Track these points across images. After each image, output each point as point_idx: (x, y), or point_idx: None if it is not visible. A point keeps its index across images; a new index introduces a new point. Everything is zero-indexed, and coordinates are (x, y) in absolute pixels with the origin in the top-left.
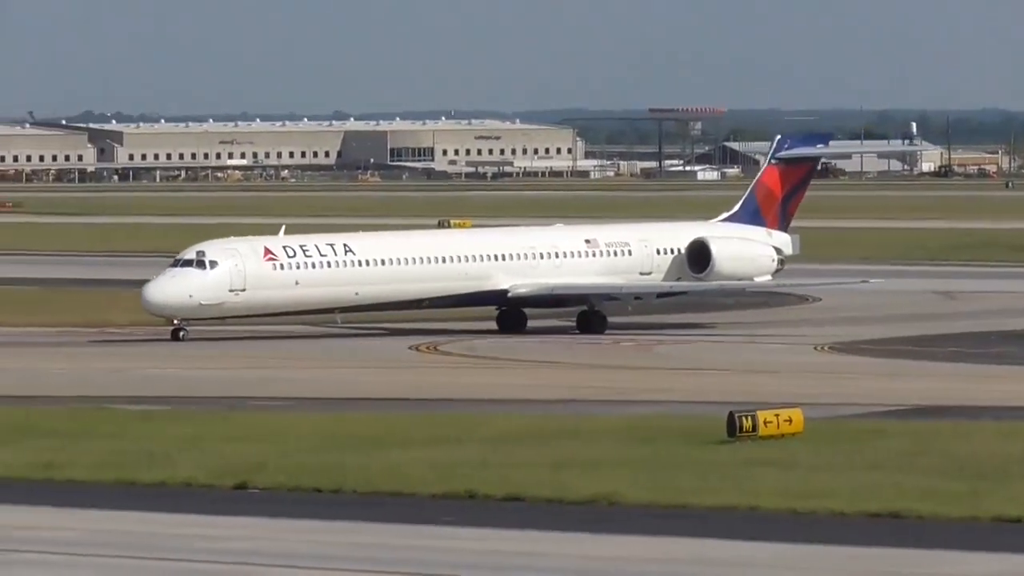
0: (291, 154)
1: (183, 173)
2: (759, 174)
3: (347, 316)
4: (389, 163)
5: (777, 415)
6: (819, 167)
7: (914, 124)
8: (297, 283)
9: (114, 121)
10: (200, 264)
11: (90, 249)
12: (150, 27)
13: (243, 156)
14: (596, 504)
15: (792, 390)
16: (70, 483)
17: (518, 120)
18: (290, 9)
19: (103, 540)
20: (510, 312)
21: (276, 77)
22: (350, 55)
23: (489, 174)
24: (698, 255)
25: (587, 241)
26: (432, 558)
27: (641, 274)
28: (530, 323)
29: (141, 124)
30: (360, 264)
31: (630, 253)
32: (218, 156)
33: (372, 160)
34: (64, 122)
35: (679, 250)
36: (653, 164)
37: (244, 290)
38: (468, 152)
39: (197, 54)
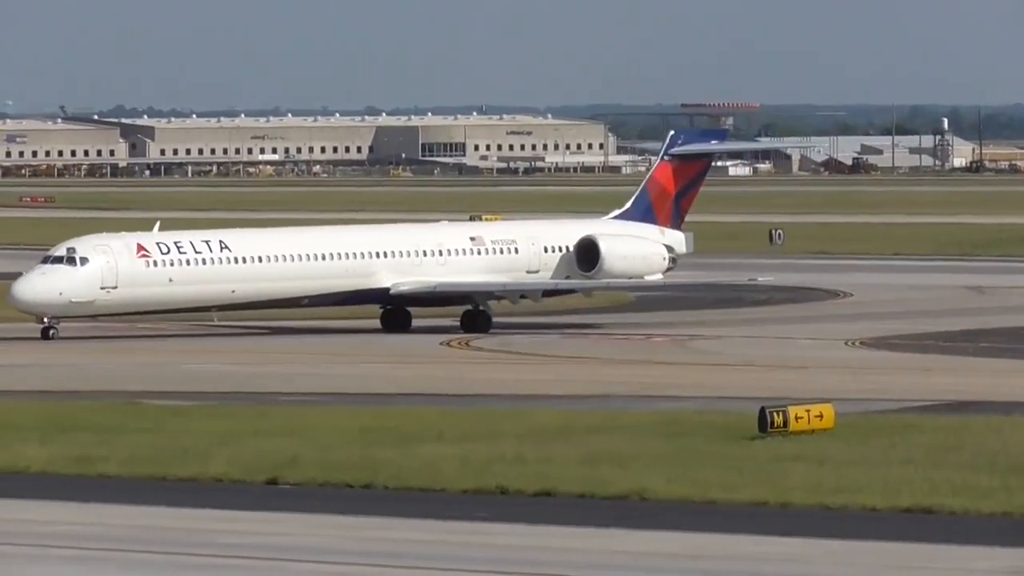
0: (323, 149)
1: (215, 168)
2: (651, 170)
3: (225, 315)
4: (421, 158)
5: (808, 411)
6: (854, 164)
7: (945, 120)
8: (171, 280)
9: (146, 116)
10: (71, 261)
11: None
12: (182, 22)
13: (275, 151)
14: (628, 499)
15: (823, 385)
16: (103, 478)
17: (550, 115)
18: (322, 4)
19: (135, 536)
20: (395, 311)
21: (308, 72)
22: (382, 50)
23: (521, 169)
24: (587, 253)
25: (472, 239)
26: (464, 554)
27: (528, 272)
28: (415, 323)
29: (173, 119)
30: (236, 261)
31: (517, 251)
32: (250, 151)
33: (404, 155)
34: (96, 117)
35: (568, 248)
36: None
37: (116, 287)
38: (500, 147)
39: (229, 49)
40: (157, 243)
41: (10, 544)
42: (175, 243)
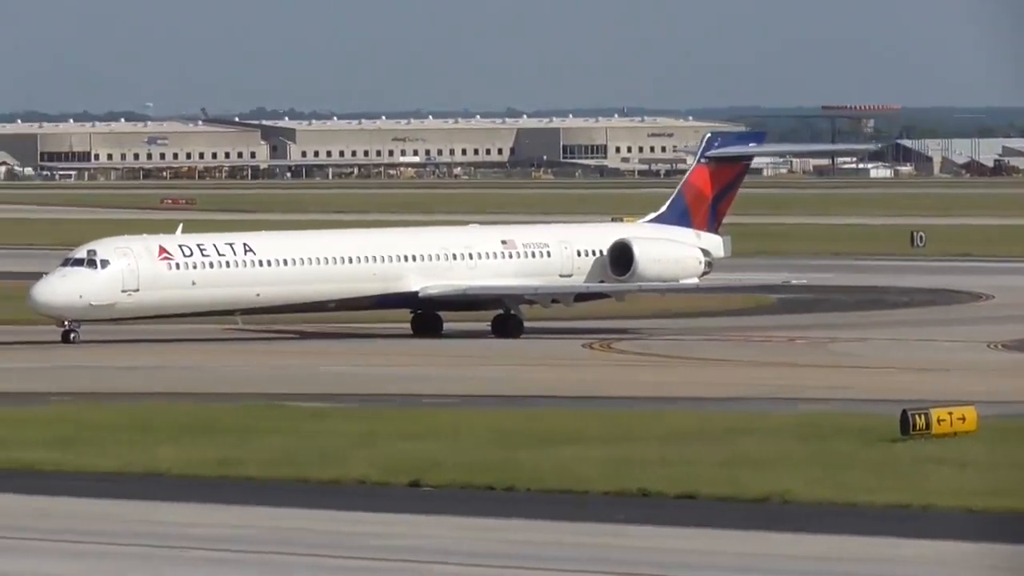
0: (464, 151)
1: (356, 170)
2: (687, 174)
3: (249, 318)
4: (562, 160)
5: (951, 413)
6: (996, 166)
7: None
8: (194, 283)
9: (287, 118)
10: (91, 263)
11: None
12: (323, 24)
13: (416, 153)
14: (769, 502)
15: (965, 388)
16: (245, 480)
17: (691, 117)
18: (464, 6)
19: (275, 538)
20: (425, 315)
21: (449, 74)
22: (523, 52)
23: (662, 171)
24: (620, 257)
25: (503, 242)
26: (604, 556)
27: (561, 276)
28: (446, 327)
29: (314, 121)
30: (261, 264)
31: (549, 255)
32: (391, 153)
33: (545, 157)
34: (237, 119)
35: (601, 251)
36: (826, 161)
37: (137, 290)
38: (641, 149)
39: (370, 51)
40: (180, 245)
41: (151, 546)
42: (198, 245)
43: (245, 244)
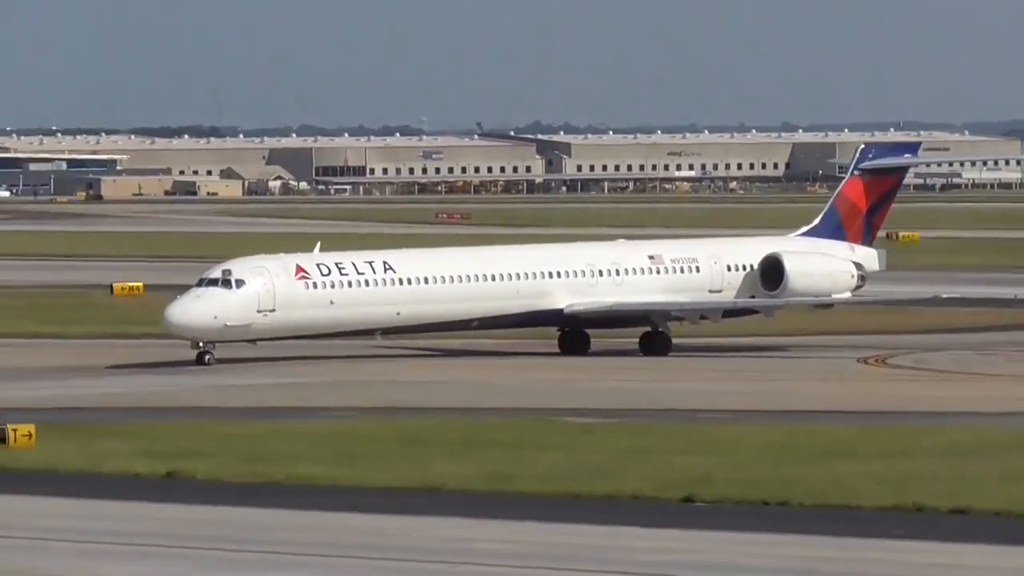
0: (739, 165)
1: (631, 185)
2: (840, 186)
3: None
4: (837, 174)
5: None
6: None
7: None
8: (332, 303)
9: (562, 132)
10: (226, 283)
11: None
12: (598, 40)
13: (691, 167)
14: None
15: None
16: (518, 495)
17: (966, 132)
18: (740, 23)
19: (551, 553)
20: (572, 333)
21: (725, 89)
22: (800, 67)
23: (937, 186)
24: (771, 271)
25: (651, 257)
26: (878, 571)
27: (711, 291)
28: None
29: (589, 135)
30: (401, 282)
31: (698, 270)
32: (666, 168)
33: (820, 172)
34: (512, 133)
35: (752, 266)
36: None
37: (274, 311)
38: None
39: (646, 67)
40: (317, 264)
41: (428, 562)
42: (336, 264)
43: (385, 262)
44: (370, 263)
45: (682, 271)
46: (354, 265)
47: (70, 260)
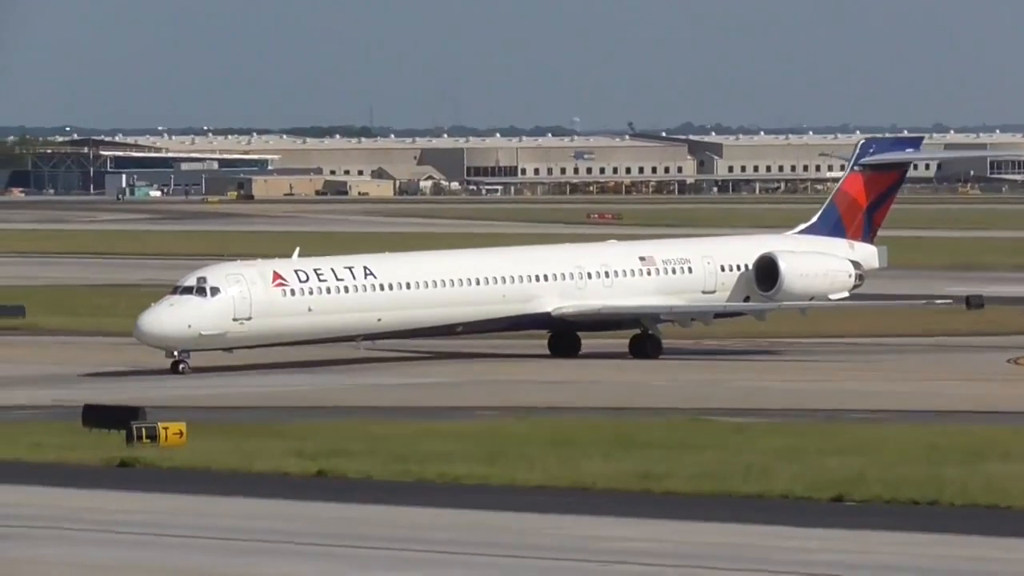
0: None
1: (782, 185)
2: (840, 182)
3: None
4: (989, 176)
5: None
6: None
7: None
8: (310, 309)
9: (713, 133)
10: (200, 291)
11: None
12: (754, 40)
13: (842, 168)
14: None
15: None
16: (668, 494)
17: None
18: (889, 23)
19: (698, 552)
20: (562, 335)
21: (875, 89)
22: (947, 68)
23: None
24: (766, 272)
25: (642, 259)
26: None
27: (704, 292)
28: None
29: (740, 136)
30: (382, 288)
31: (690, 271)
32: (817, 168)
33: (972, 172)
34: (664, 134)
35: (746, 266)
36: None
37: (250, 318)
38: None
39: (795, 67)
40: (295, 270)
41: (580, 560)
42: (315, 270)
43: (365, 267)
44: (350, 269)
45: (674, 272)
46: (333, 271)
47: (219, 258)
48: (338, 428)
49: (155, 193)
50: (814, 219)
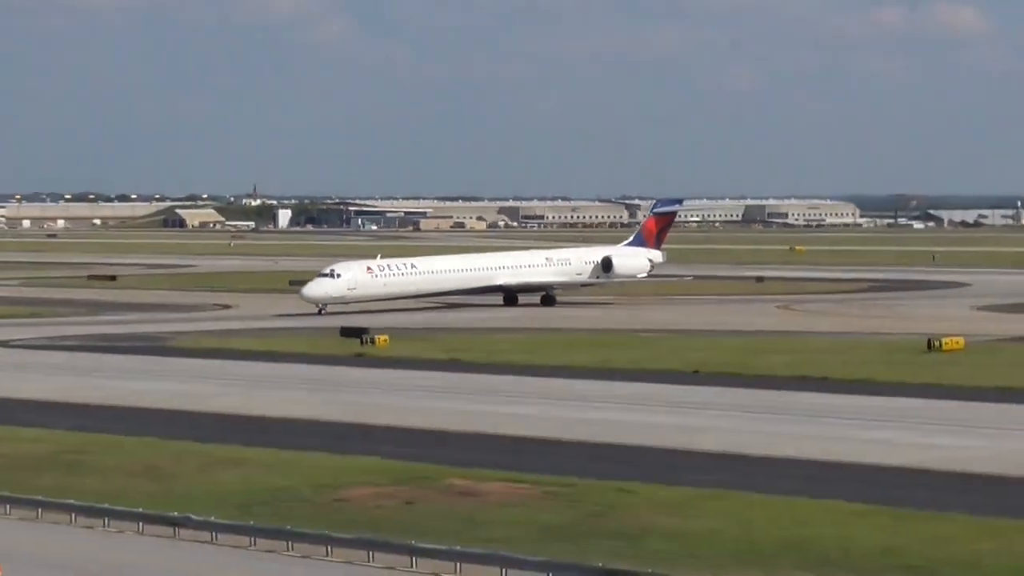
0: None
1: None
2: (643, 222)
3: (412, 302)
4: (767, 220)
5: None
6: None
7: None
8: (384, 285)
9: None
10: (331, 275)
11: None
12: None
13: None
14: None
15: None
16: (615, 370)
17: None
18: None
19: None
20: (508, 296)
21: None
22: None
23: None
24: (606, 264)
25: (547, 259)
26: None
27: (577, 275)
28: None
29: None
30: (420, 273)
31: (570, 263)
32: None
33: (757, 218)
34: (613, 199)
35: (596, 261)
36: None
37: (355, 289)
38: None
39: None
40: (377, 265)
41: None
42: (387, 264)
43: (412, 264)
44: (405, 264)
45: (562, 264)
46: (396, 265)
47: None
48: (458, 337)
49: (373, 227)
50: (631, 238)
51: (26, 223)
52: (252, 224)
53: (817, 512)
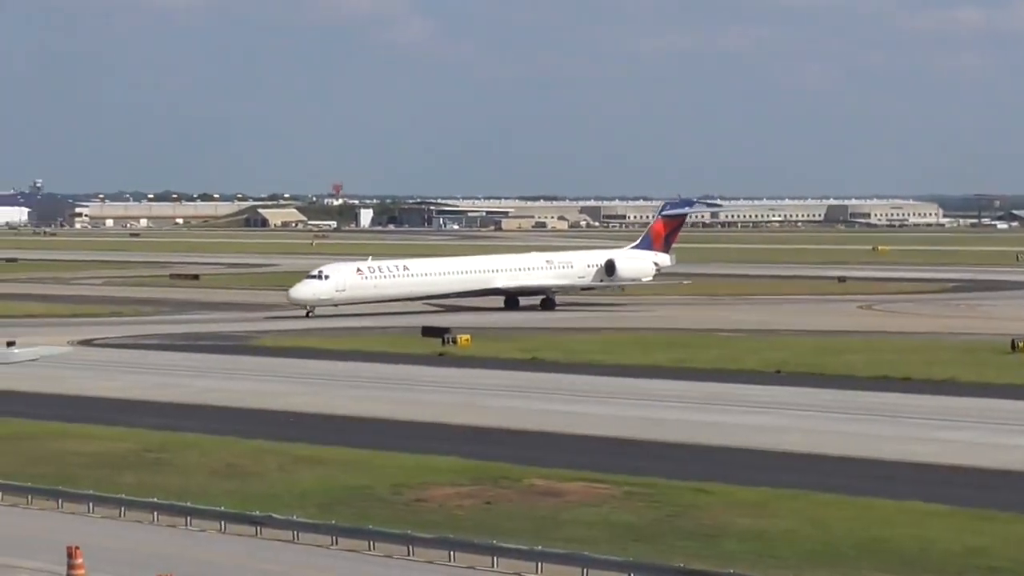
0: None
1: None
2: (651, 224)
3: (405, 304)
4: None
5: None
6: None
7: None
8: (375, 287)
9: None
10: (320, 276)
11: None
12: None
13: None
14: None
15: None
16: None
17: None
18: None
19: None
20: (509, 299)
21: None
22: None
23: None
24: (609, 267)
25: (547, 261)
26: None
27: (579, 278)
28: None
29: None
30: (412, 276)
31: (572, 267)
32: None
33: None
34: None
35: (600, 264)
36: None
37: (344, 291)
38: None
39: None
40: (368, 267)
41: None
42: (378, 267)
43: (404, 266)
44: (396, 266)
45: (563, 267)
46: (388, 267)
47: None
48: (538, 337)
49: (455, 227)
50: (638, 241)
51: (109, 222)
52: (334, 224)
53: (896, 513)
